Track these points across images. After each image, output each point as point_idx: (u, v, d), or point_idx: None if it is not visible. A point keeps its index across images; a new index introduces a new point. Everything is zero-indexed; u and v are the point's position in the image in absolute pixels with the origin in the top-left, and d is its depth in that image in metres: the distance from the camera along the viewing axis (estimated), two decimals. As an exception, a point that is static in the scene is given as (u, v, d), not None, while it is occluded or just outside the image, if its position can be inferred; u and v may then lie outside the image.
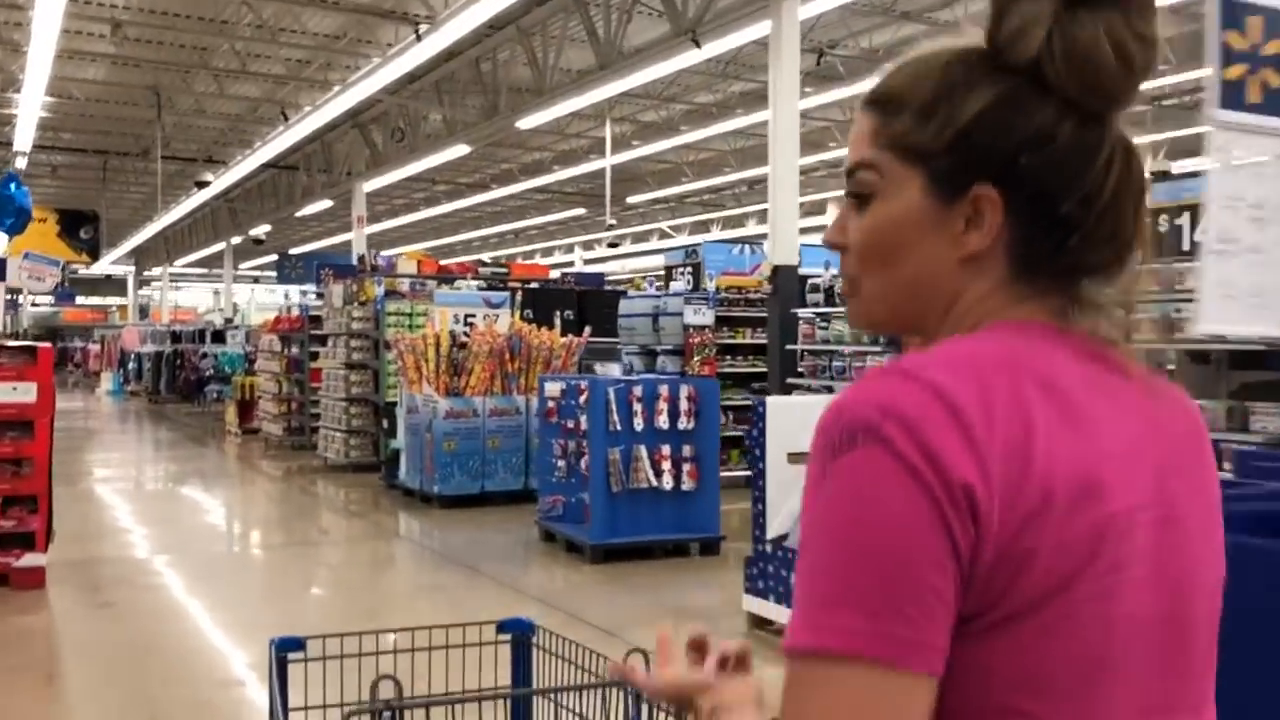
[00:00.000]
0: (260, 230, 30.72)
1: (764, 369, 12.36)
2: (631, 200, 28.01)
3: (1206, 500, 0.96)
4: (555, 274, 17.44)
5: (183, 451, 17.92)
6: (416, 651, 2.24)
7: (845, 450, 0.83)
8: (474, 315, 11.58)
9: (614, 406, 8.13)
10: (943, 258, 0.94)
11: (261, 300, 48.37)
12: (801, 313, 10.49)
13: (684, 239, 33.37)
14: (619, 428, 8.15)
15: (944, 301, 0.96)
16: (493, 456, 10.81)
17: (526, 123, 17.52)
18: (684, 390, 8.36)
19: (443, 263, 15.99)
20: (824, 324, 10.32)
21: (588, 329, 11.57)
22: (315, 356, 16.27)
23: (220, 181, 23.97)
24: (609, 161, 18.47)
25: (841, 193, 1.08)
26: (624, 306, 12.82)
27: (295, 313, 17.20)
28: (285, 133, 18.76)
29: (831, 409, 0.86)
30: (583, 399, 8.35)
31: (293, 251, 33.63)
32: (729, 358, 12.28)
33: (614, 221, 21.38)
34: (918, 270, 0.96)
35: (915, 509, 0.80)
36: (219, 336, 26.46)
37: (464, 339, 10.96)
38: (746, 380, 12.12)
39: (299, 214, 29.28)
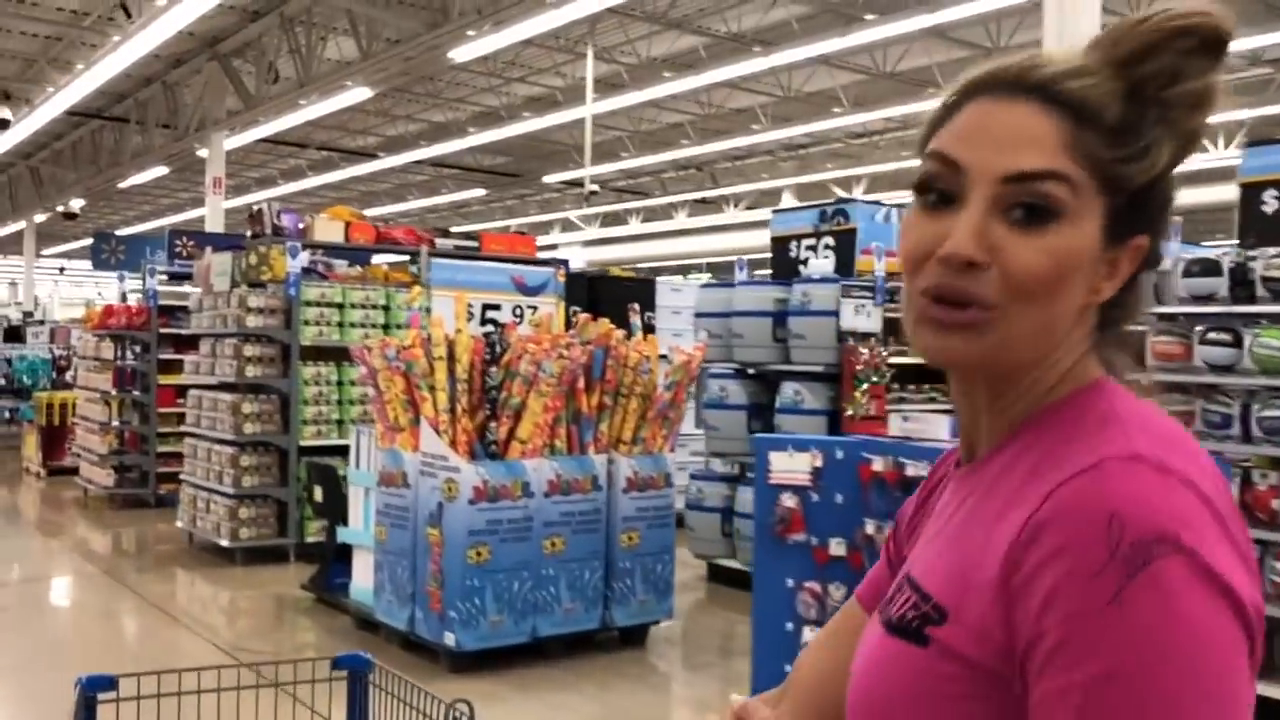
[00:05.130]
0: (75, 203, 24.45)
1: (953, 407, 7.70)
2: (549, 180, 22.97)
3: None
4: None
5: (-47, 505, 12.04)
6: (243, 690, 2.09)
7: (1141, 567, 0.72)
8: (497, 308, 6.48)
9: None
10: (1078, 302, 0.86)
11: (67, 295, 40.91)
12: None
13: (595, 231, 28.43)
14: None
15: (1054, 347, 0.87)
16: (553, 572, 5.77)
17: (478, 47, 12.38)
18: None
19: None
20: (1225, 335, 5.42)
21: (703, 335, 6.64)
22: (170, 368, 10.78)
23: (21, 128, 17.80)
24: (589, 110, 13.33)
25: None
26: (704, 301, 7.87)
27: (136, 301, 11.58)
28: (122, 47, 13.06)
29: (1092, 511, 0.75)
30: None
31: (118, 233, 27.07)
32: (896, 387, 7.51)
33: (595, 188, 16.26)
34: (1064, 311, 0.86)
35: (1236, 637, 0.74)
36: (14, 334, 20.12)
37: (499, 349, 5.89)
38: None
39: (122, 185, 23.18)
